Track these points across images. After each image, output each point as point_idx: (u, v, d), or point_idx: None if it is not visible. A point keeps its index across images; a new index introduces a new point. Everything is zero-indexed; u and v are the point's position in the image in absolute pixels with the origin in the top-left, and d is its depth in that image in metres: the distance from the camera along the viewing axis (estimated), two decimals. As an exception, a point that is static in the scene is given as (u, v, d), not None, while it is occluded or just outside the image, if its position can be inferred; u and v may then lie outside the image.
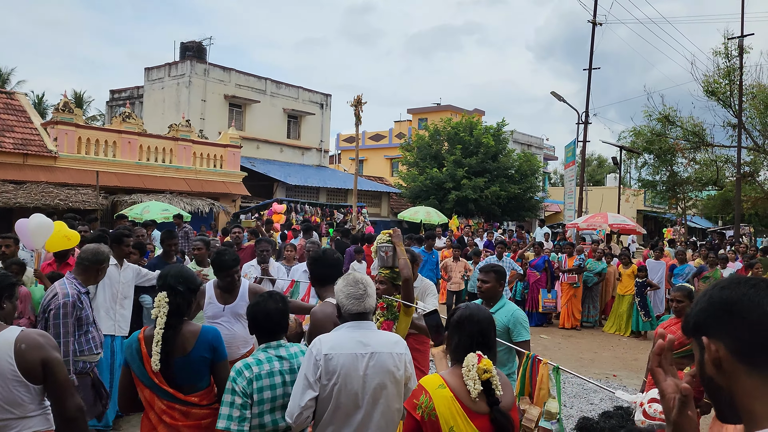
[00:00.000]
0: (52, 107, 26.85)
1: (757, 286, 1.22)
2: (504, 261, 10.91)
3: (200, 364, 2.99)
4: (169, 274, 3.10)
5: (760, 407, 1.14)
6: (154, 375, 2.91)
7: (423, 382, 2.51)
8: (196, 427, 2.99)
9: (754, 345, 1.16)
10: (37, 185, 16.30)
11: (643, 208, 37.18)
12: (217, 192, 21.20)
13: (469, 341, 2.54)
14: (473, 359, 2.43)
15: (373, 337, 2.87)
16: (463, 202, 26.62)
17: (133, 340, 3.03)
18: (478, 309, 2.67)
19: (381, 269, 4.40)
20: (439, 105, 40.13)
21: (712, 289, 1.29)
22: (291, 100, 29.11)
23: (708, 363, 1.22)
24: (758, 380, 1.16)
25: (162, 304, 2.98)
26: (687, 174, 26.68)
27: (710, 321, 1.23)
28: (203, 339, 3.01)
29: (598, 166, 62.76)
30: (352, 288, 2.92)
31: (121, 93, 29.95)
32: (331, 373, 2.71)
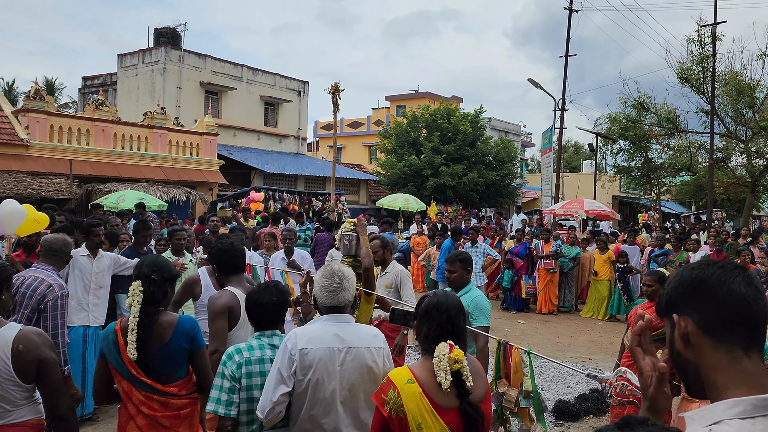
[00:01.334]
0: (23, 95, 26.30)
1: (724, 267, 1.29)
2: (479, 246, 10.99)
3: (178, 354, 2.97)
4: (144, 264, 3.06)
5: (723, 378, 1.22)
6: (131, 366, 2.88)
7: (392, 376, 2.41)
8: (174, 417, 2.97)
9: (719, 321, 1.24)
10: (9, 174, 15.99)
11: (618, 194, 37.65)
12: (194, 180, 21.00)
13: (438, 330, 2.44)
14: (444, 349, 2.35)
15: (350, 331, 2.82)
16: (441, 189, 26.72)
17: (110, 331, 2.99)
18: (446, 296, 2.57)
19: (344, 257, 4.52)
20: (417, 92, 40.10)
21: (683, 270, 1.37)
22: (268, 87, 28.85)
23: (678, 339, 1.30)
24: (722, 353, 1.23)
25: (136, 292, 2.94)
26: (661, 160, 27.08)
27: (680, 299, 1.31)
28: (180, 329, 2.98)
29: (575, 152, 63.33)
30: (327, 281, 2.87)
31: (94, 80, 29.43)
32: (307, 368, 2.66)
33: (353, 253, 4.43)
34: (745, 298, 1.23)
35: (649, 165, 26.68)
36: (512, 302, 12.47)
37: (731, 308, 1.24)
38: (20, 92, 33.84)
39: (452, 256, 4.54)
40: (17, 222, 5.93)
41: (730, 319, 1.24)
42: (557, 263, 12.26)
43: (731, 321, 1.23)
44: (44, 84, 33.95)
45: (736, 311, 1.23)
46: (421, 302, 2.59)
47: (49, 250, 4.28)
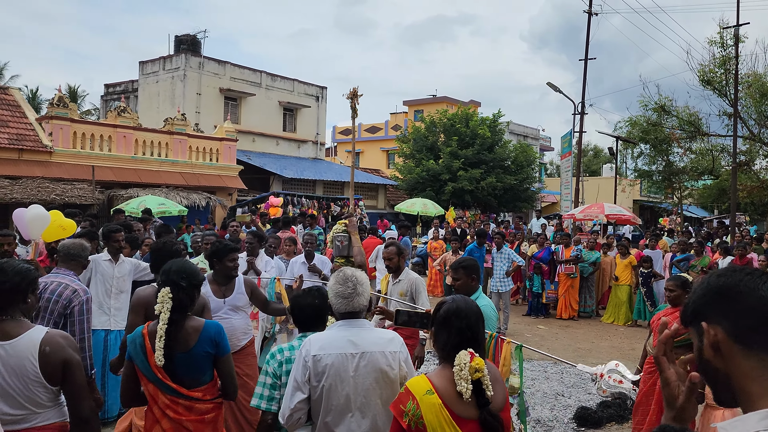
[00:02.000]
0: (47, 102, 26.74)
1: (752, 273, 1.28)
2: (504, 252, 10.92)
3: (203, 359, 3.00)
4: (171, 270, 3.07)
5: (757, 388, 1.19)
6: (157, 370, 2.91)
7: (410, 386, 2.35)
8: (199, 422, 3.00)
9: (750, 328, 1.22)
10: (33, 180, 16.26)
11: (639, 198, 37.25)
12: (214, 186, 21.17)
13: (458, 338, 2.37)
14: (465, 358, 2.28)
15: (364, 336, 2.79)
16: (459, 194, 26.64)
17: (137, 335, 3.02)
18: (465, 302, 2.48)
19: (337, 258, 4.64)
20: (435, 96, 40.07)
21: (710, 277, 1.35)
22: (286, 93, 29.03)
23: (707, 347, 1.27)
24: (754, 362, 1.20)
25: (165, 299, 2.97)
26: (683, 163, 26.74)
27: (708, 306, 1.29)
28: (206, 334, 3.02)
29: (594, 156, 62.77)
30: (341, 286, 2.85)
31: (116, 87, 29.83)
32: (320, 375, 2.66)
33: (345, 253, 4.63)
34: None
35: (670, 168, 26.36)
36: (537, 308, 12.38)
37: (762, 315, 1.21)
38: (43, 100, 34.52)
39: (456, 263, 4.47)
40: (41, 227, 6.01)
41: (762, 325, 1.21)
42: (578, 268, 12.15)
43: (763, 328, 1.21)
44: (67, 91, 34.51)
45: (767, 318, 1.21)
46: (438, 308, 2.51)
47: (67, 255, 4.33)
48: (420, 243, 17.98)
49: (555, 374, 7.96)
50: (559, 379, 7.71)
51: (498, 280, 10.77)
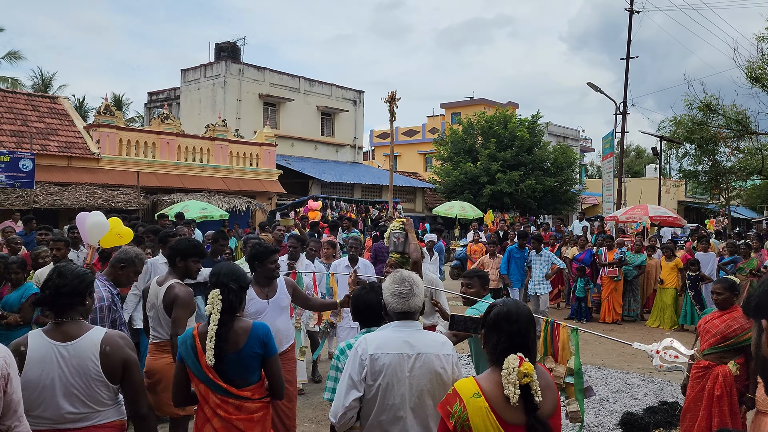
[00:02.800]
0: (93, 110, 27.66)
1: None
2: (543, 254, 10.77)
3: (251, 359, 3.07)
4: (221, 272, 3.18)
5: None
6: (208, 370, 3.00)
7: (458, 388, 2.33)
8: (248, 421, 3.08)
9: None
10: (81, 186, 16.78)
11: (684, 199, 36.32)
12: (254, 190, 21.49)
13: (507, 342, 2.34)
14: (514, 362, 2.25)
15: (419, 337, 2.83)
16: (498, 196, 26.41)
17: (188, 335, 3.12)
18: (516, 306, 2.44)
19: (392, 253, 4.83)
20: (472, 99, 39.86)
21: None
22: (324, 98, 29.29)
23: (765, 343, 1.29)
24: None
25: (216, 301, 3.06)
26: (730, 163, 25.95)
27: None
28: (254, 335, 3.09)
29: (636, 156, 61.54)
30: (398, 286, 2.90)
31: (159, 95, 30.59)
32: (377, 374, 2.69)
33: (401, 249, 4.76)
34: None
35: (717, 169, 25.62)
36: (580, 312, 12.17)
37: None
38: (89, 108, 35.59)
39: (471, 271, 4.72)
40: (99, 234, 6.23)
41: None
42: (621, 271, 11.90)
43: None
44: (113, 100, 35.54)
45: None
46: (489, 311, 2.49)
47: (114, 260, 4.44)
48: (459, 246, 17.90)
49: (599, 379, 7.82)
50: (603, 384, 7.57)
51: (536, 282, 10.63)
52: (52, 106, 19.24)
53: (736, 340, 4.79)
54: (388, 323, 2.95)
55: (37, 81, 34.44)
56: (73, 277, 2.83)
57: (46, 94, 23.07)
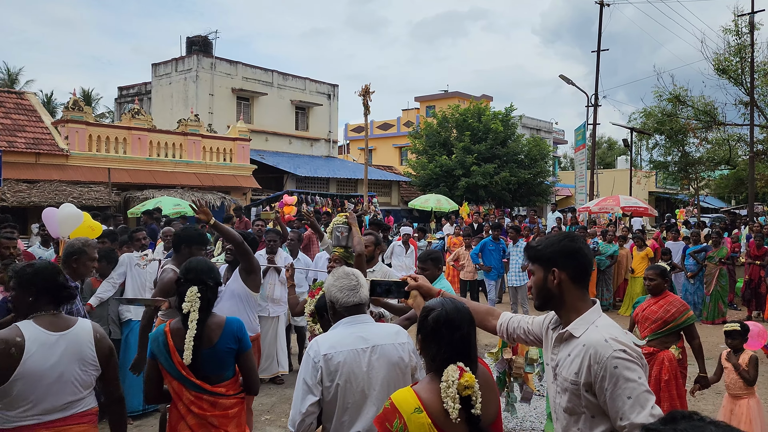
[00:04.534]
0: (62, 106, 27.04)
1: (583, 241, 2.24)
2: (519, 245, 10.86)
3: (226, 355, 3.05)
4: (197, 268, 3.11)
5: (581, 304, 2.17)
6: (181, 367, 2.96)
7: (397, 402, 2.15)
8: (223, 417, 3.05)
9: (582, 274, 2.20)
10: (50, 183, 16.46)
11: (655, 190, 36.92)
12: (228, 185, 21.31)
13: (449, 352, 2.15)
14: (454, 374, 2.08)
15: (372, 330, 2.74)
16: (473, 189, 26.56)
17: (159, 333, 3.06)
18: (456, 309, 2.23)
19: (335, 248, 4.84)
20: (447, 92, 39.97)
21: (563, 240, 2.22)
22: (298, 92, 29.11)
23: (551, 281, 2.19)
24: (580, 290, 2.19)
25: (194, 298, 3.00)
26: (699, 154, 26.45)
27: (560, 259, 2.18)
28: (228, 330, 3.07)
29: (609, 148, 62.35)
30: (345, 280, 2.81)
31: (129, 89, 30.08)
32: (333, 373, 2.59)
33: (344, 244, 4.80)
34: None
35: (686, 159, 26.08)
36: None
37: (587, 266, 2.22)
38: (58, 104, 34.86)
39: (424, 255, 4.79)
40: (73, 225, 6.18)
41: (586, 271, 2.21)
42: (594, 261, 12.06)
43: (586, 273, 2.22)
44: (81, 95, 34.85)
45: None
46: (426, 315, 2.24)
47: (69, 255, 4.34)
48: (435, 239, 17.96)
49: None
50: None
51: (514, 274, 10.73)
52: (19, 102, 18.80)
53: (676, 323, 4.98)
54: (337, 322, 2.83)
55: (2, 76, 33.66)
56: (58, 270, 2.98)
57: (13, 90, 22.55)
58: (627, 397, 1.92)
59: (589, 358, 2.01)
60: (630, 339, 2.09)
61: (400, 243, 11.72)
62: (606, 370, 1.96)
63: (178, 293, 3.10)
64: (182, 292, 3.05)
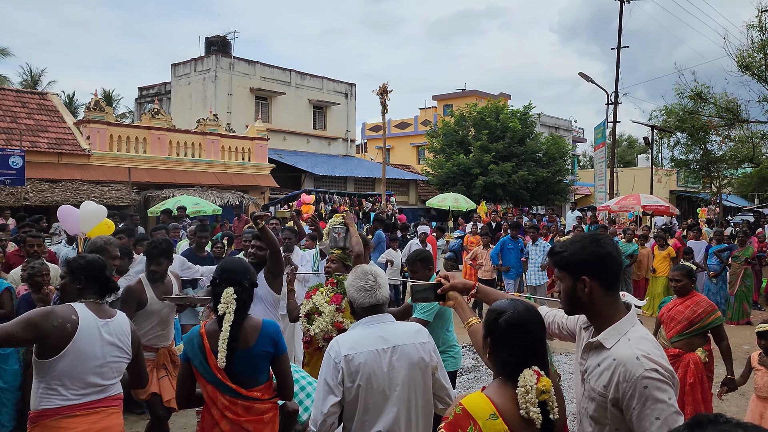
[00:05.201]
0: (83, 106, 27.38)
1: (611, 243, 2.13)
2: (539, 245, 10.78)
3: (262, 358, 2.97)
4: (233, 269, 3.05)
5: (613, 311, 2.10)
6: (217, 370, 2.87)
7: (470, 408, 2.04)
8: (258, 422, 2.97)
9: (613, 280, 2.11)
10: (72, 183, 16.68)
11: (676, 189, 36.44)
12: (246, 185, 21.42)
13: (522, 357, 2.06)
14: (531, 379, 2.00)
15: (392, 329, 2.74)
16: (490, 188, 26.42)
17: (195, 334, 2.97)
18: (527, 312, 2.13)
19: (333, 249, 4.76)
20: (464, 90, 39.80)
21: (589, 245, 2.10)
22: (316, 91, 29.18)
23: (581, 290, 2.10)
24: (611, 297, 2.11)
25: (230, 299, 2.92)
26: (721, 152, 26.04)
27: (588, 266, 2.09)
28: (265, 333, 2.99)
29: (628, 146, 61.66)
30: (362, 280, 2.80)
31: (149, 90, 30.37)
32: (354, 374, 2.60)
33: (342, 245, 4.72)
34: None
35: (708, 157, 25.70)
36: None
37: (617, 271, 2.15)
38: (80, 104, 35.30)
39: (413, 256, 4.67)
40: (95, 222, 6.27)
41: (616, 276, 2.14)
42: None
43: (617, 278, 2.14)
44: (102, 95, 35.26)
45: None
46: (496, 318, 2.13)
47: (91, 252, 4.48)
48: (452, 238, 17.91)
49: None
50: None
51: (533, 273, 10.65)
52: (42, 103, 19.08)
53: (702, 324, 4.89)
54: (356, 321, 2.84)
55: (26, 78, 34.16)
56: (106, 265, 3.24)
57: (35, 91, 22.89)
58: (655, 418, 1.87)
59: (619, 375, 1.96)
60: (662, 353, 2.01)
61: (417, 242, 11.70)
62: (635, 389, 1.91)
63: (213, 294, 3.03)
64: (218, 293, 2.97)
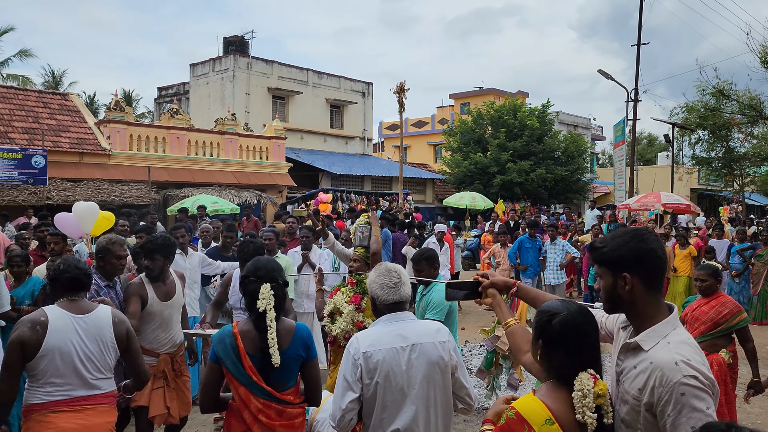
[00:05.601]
0: (104, 106, 27.74)
1: (655, 239, 2.02)
2: (558, 243, 10.70)
3: (294, 362, 2.91)
4: (267, 267, 2.98)
5: (653, 310, 1.98)
6: (251, 372, 2.80)
7: (524, 413, 1.97)
8: (289, 427, 2.91)
9: (655, 278, 2.00)
10: (93, 182, 16.88)
11: (697, 187, 35.98)
12: (264, 183, 21.52)
13: (577, 359, 2.00)
14: (588, 383, 1.95)
15: (412, 328, 2.73)
16: (508, 186, 26.27)
17: (227, 334, 2.86)
18: (581, 314, 2.06)
19: (357, 248, 4.89)
20: (482, 88, 39.62)
21: (631, 241, 2.00)
22: (333, 90, 29.23)
23: (622, 287, 1.99)
24: (653, 296, 2.00)
25: (268, 296, 2.85)
26: (744, 149, 25.64)
27: (630, 263, 1.99)
28: (298, 336, 2.93)
29: (649, 144, 60.97)
30: (386, 277, 2.80)
31: (168, 90, 30.65)
32: (373, 371, 2.60)
33: (366, 243, 4.84)
34: None
35: (730, 155, 25.32)
36: (593, 301, 12.10)
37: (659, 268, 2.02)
38: (100, 105, 35.74)
39: (417, 254, 4.74)
40: (92, 219, 6.30)
41: (660, 275, 2.01)
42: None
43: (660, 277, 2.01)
44: (122, 96, 35.65)
45: None
46: (549, 320, 2.07)
47: (96, 253, 4.46)
48: (470, 236, 17.84)
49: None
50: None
51: (552, 272, 10.56)
52: (63, 103, 19.33)
53: (727, 325, 4.82)
54: (377, 319, 2.83)
55: (47, 78, 34.63)
56: (76, 264, 3.26)
57: (57, 91, 23.19)
58: (691, 427, 1.78)
59: (655, 379, 1.86)
60: (704, 359, 1.90)
61: (434, 240, 11.66)
62: (672, 395, 1.81)
63: (246, 292, 2.93)
64: (253, 290, 2.88)
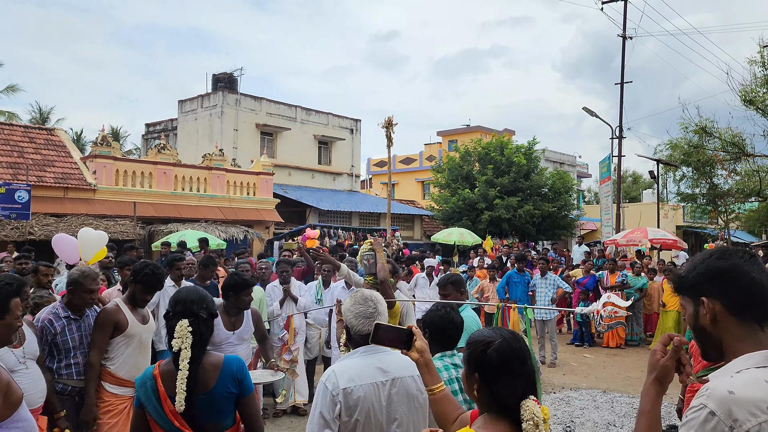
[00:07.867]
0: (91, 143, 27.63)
1: (744, 257, 1.61)
2: (548, 278, 10.65)
3: (225, 400, 2.64)
4: (188, 299, 2.70)
5: (745, 346, 1.55)
6: (173, 417, 2.54)
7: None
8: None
9: (745, 303, 1.57)
10: (77, 217, 16.66)
11: (682, 224, 36.24)
12: (251, 219, 21.39)
13: (520, 388, 1.86)
14: (537, 411, 1.81)
15: (390, 360, 2.59)
16: (496, 222, 26.33)
17: (148, 377, 2.62)
18: (515, 339, 1.94)
19: (366, 276, 4.90)
20: (469, 126, 40.07)
21: (709, 258, 1.65)
22: (321, 126, 29.40)
23: (703, 316, 1.61)
24: (745, 328, 1.57)
25: (185, 334, 2.59)
26: (728, 186, 25.94)
27: (707, 284, 1.62)
28: (227, 371, 2.66)
29: (633, 182, 61.73)
30: (361, 306, 2.64)
31: (156, 126, 30.68)
32: (353, 409, 2.46)
33: (374, 271, 4.80)
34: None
35: (714, 191, 25.58)
36: (582, 337, 11.99)
37: (753, 294, 1.58)
38: (87, 141, 35.64)
39: (443, 279, 4.59)
40: (96, 249, 6.23)
41: (753, 301, 1.57)
42: (623, 294, 11.76)
43: (753, 303, 1.58)
44: (110, 132, 35.61)
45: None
46: (484, 348, 1.91)
47: (67, 284, 4.24)
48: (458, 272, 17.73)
49: (605, 403, 7.63)
50: (609, 408, 7.38)
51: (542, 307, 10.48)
52: (49, 138, 19.23)
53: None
54: (353, 350, 2.67)
55: (35, 115, 34.60)
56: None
57: (43, 126, 23.12)
58: None
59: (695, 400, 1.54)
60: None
61: (423, 275, 11.57)
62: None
63: (167, 328, 2.70)
64: (171, 327, 2.64)
